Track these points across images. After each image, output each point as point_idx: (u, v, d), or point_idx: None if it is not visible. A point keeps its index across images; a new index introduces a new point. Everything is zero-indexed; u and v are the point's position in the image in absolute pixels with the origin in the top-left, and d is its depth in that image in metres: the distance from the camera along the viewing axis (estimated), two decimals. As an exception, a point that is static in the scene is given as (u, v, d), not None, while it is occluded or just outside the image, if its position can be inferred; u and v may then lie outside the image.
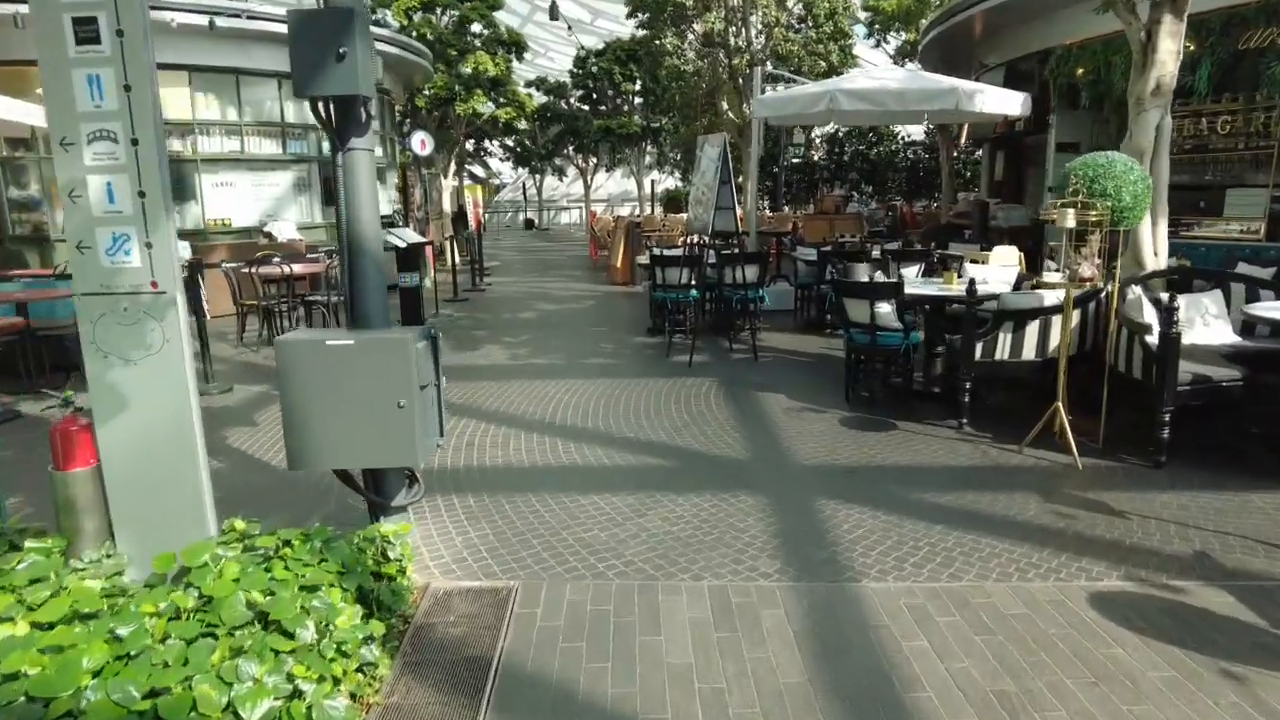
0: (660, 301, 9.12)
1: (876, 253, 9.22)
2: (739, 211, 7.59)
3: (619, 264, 14.59)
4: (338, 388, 3.43)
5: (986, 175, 14.66)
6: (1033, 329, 5.46)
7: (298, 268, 8.96)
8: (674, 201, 26.91)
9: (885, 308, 5.97)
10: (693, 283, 8.79)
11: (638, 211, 27.17)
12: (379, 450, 3.51)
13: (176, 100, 11.93)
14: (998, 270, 7.34)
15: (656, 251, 8.98)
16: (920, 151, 24.54)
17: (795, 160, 22.15)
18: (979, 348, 5.49)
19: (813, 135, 23.74)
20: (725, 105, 15.56)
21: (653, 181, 29.56)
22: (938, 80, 8.68)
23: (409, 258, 9.69)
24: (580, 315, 11.41)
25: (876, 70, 9.54)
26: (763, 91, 10.80)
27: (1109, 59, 9.45)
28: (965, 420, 5.61)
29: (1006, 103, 8.62)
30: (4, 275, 8.63)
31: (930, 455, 5.07)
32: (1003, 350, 5.51)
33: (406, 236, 9.47)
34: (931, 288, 6.33)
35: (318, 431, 3.46)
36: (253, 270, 8.77)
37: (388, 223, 9.86)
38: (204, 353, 7.19)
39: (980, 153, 23.92)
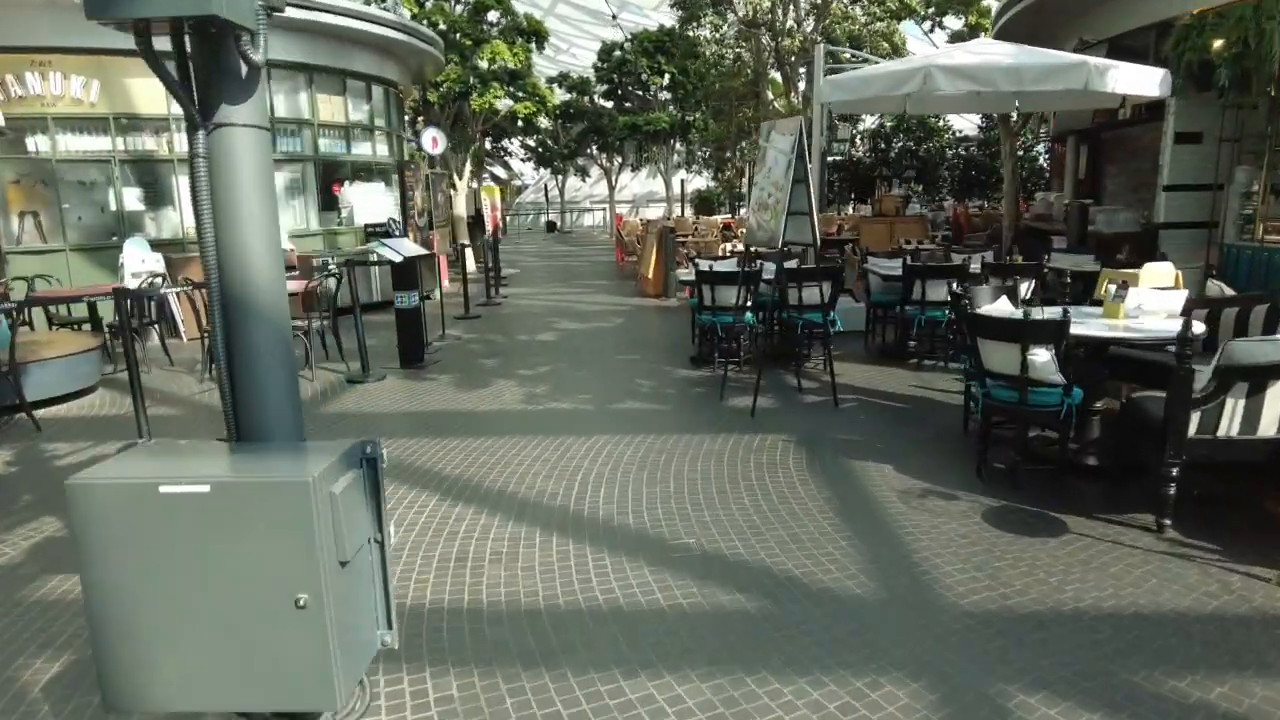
0: (708, 326, 7.49)
1: (975, 266, 7.53)
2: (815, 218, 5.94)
3: (651, 274, 12.97)
4: (185, 570, 1.83)
5: (1071, 173, 12.86)
6: (1275, 394, 3.76)
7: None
8: (705, 202, 25.20)
9: (1043, 356, 4.29)
10: (749, 304, 7.16)
11: (667, 214, 25.51)
12: (264, 682, 1.91)
13: (149, 92, 10.46)
14: (1157, 295, 5.62)
15: (704, 266, 7.34)
16: (972, 148, 22.69)
17: (838, 157, 20.41)
18: (1195, 419, 3.80)
19: (856, 129, 21.97)
20: (771, 94, 13.91)
21: (682, 181, 27.89)
22: (1060, 55, 6.97)
23: (406, 273, 8.15)
24: (609, 337, 9.79)
25: (976, 44, 7.86)
26: (825, 74, 9.14)
27: (1260, 25, 7.67)
28: (1168, 520, 3.92)
29: (1143, 82, 6.90)
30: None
31: (1142, 588, 3.39)
32: (1230, 423, 3.81)
33: (402, 248, 7.92)
34: (1097, 325, 4.63)
35: (150, 651, 1.87)
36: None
37: (381, 232, 8.31)
38: (135, 394, 5.65)
39: (1041, 148, 22.06)
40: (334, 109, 12.50)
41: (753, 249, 7.25)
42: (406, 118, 19.46)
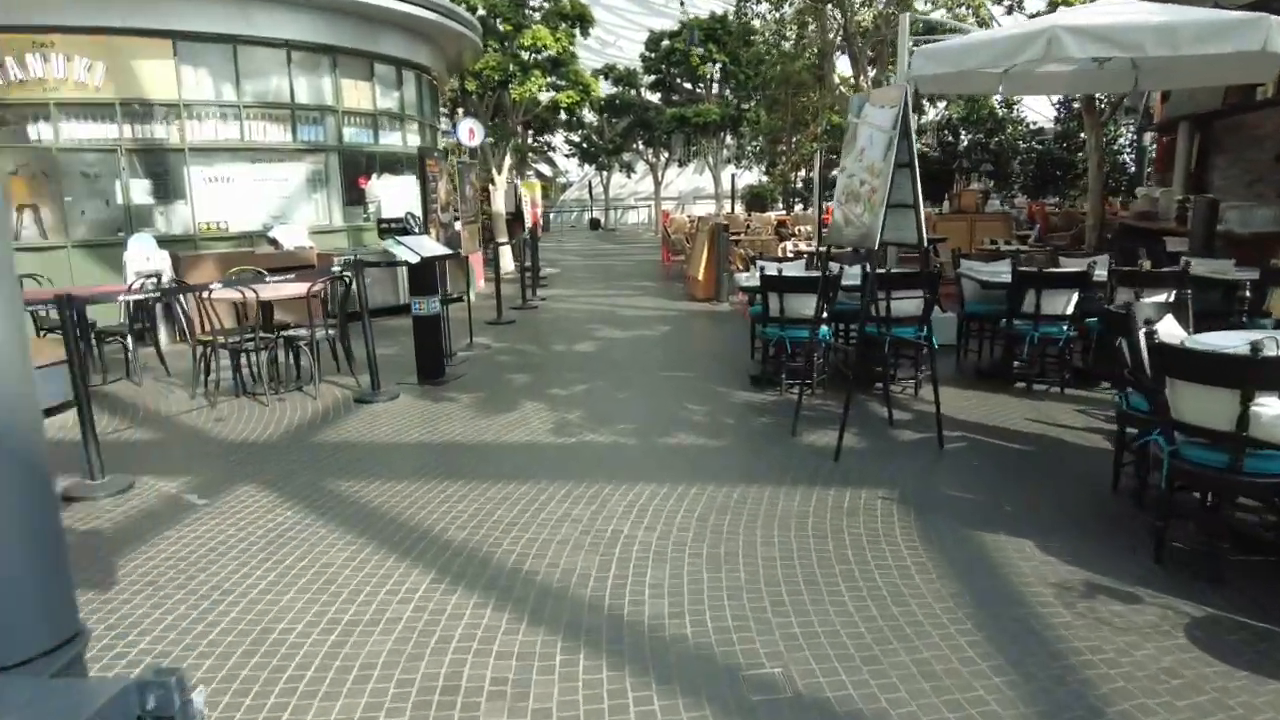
0: (774, 342, 6.30)
1: (1100, 273, 6.22)
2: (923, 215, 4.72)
3: (701, 276, 11.80)
4: None
5: (1182, 164, 11.34)
6: None
7: (266, 291, 6.43)
8: (758, 198, 23.83)
9: (1276, 407, 3.04)
10: (824, 315, 5.97)
11: (718, 211, 24.25)
12: None
13: (158, 75, 9.64)
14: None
15: (772, 270, 6.16)
16: (1047, 141, 21.01)
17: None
18: None
19: (921, 120, 20.44)
20: (836, 79, 12.63)
21: (733, 176, 26.59)
22: (1225, 11, 5.63)
23: (425, 276, 7.13)
24: (655, 348, 8.66)
25: (1102, 5, 6.52)
26: (911, 49, 7.88)
27: None
28: None
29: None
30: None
31: None
32: None
33: (420, 247, 6.88)
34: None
35: None
36: (200, 296, 6.29)
37: (398, 229, 7.30)
38: (85, 425, 4.68)
39: (1123, 139, 20.30)
40: (360, 95, 11.58)
41: (826, 249, 6.07)
42: (444, 109, 18.59)
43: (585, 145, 34.35)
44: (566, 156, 36.53)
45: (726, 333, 9.49)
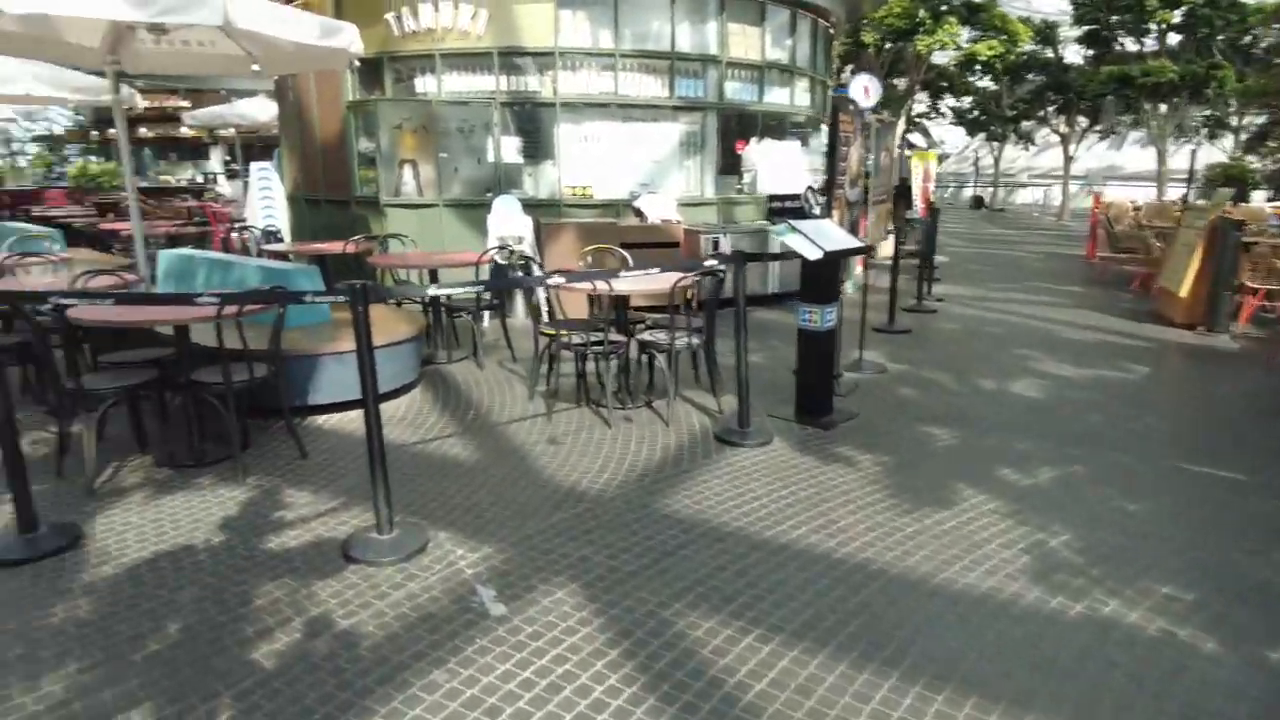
0: None
1: None
2: None
3: (1185, 291, 8.37)
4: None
5: None
6: None
7: (621, 284, 4.91)
8: (1233, 182, 17.96)
9: None
10: None
11: (1160, 195, 18.94)
12: None
13: (535, 20, 8.74)
14: None
15: None
16: None
17: None
18: None
19: None
20: None
21: (1192, 153, 20.81)
22: None
23: (824, 276, 5.16)
24: (1143, 407, 5.79)
25: None
26: None
27: None
28: None
29: None
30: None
31: None
32: None
33: (824, 237, 4.91)
34: None
35: None
36: (546, 286, 4.95)
37: (794, 210, 5.39)
38: (374, 463, 3.44)
39: None
40: (748, 43, 9.87)
41: None
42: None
43: (977, 112, 29.94)
44: (953, 124, 32.30)
45: (1255, 389, 6.25)
